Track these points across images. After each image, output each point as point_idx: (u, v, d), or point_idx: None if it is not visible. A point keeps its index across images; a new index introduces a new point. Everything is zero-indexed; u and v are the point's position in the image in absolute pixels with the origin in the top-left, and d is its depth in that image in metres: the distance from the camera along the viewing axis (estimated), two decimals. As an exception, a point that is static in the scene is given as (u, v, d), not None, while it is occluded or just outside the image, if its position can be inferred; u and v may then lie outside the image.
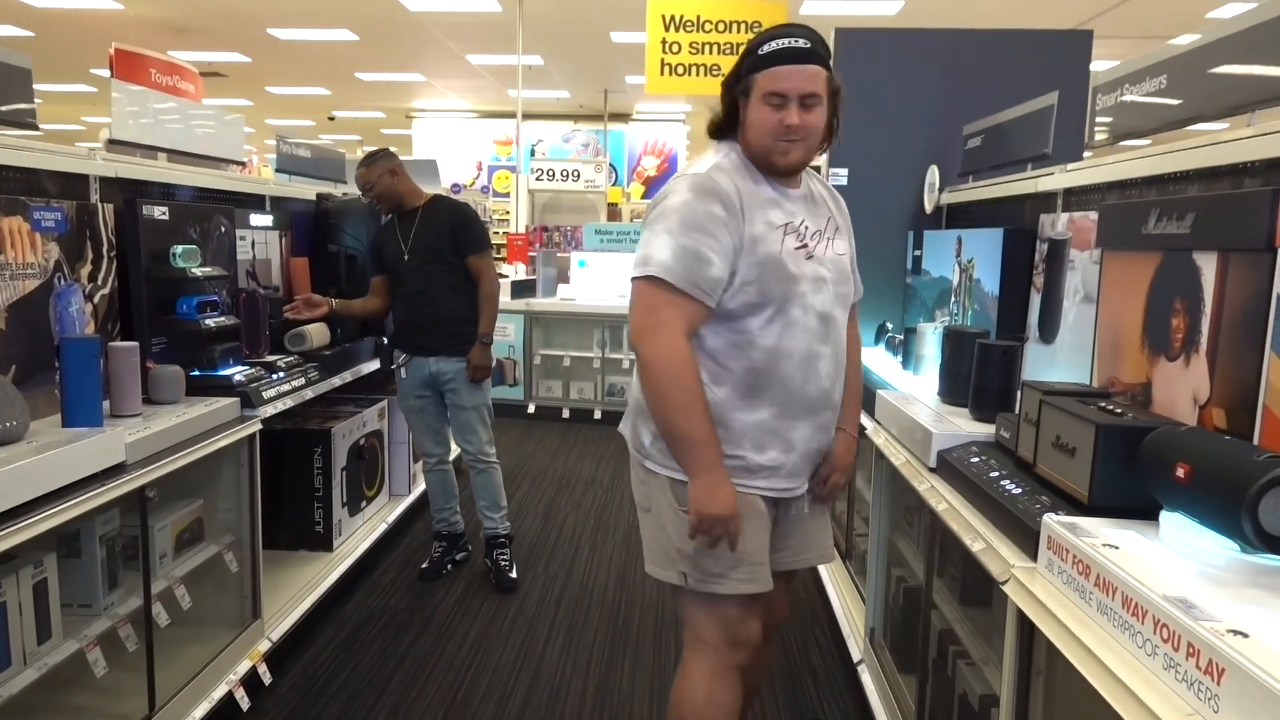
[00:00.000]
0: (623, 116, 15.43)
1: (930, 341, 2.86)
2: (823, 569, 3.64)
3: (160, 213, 2.73)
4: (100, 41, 9.18)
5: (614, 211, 12.58)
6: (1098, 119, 2.53)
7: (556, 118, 15.37)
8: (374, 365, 4.01)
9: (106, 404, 2.33)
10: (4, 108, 2.35)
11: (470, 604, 3.57)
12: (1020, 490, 1.72)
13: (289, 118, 17.63)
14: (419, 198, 3.66)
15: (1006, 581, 1.54)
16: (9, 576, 1.91)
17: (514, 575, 3.76)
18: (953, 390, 2.45)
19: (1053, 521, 1.49)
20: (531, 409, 7.04)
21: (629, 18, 9.04)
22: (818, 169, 2.57)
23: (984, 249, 2.77)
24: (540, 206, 11.12)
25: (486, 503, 3.76)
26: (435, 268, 3.54)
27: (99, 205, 2.57)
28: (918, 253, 3.51)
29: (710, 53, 6.65)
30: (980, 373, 2.24)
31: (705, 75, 6.67)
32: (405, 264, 3.56)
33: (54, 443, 1.98)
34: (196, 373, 2.75)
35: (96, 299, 2.55)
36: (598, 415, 6.92)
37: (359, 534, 3.90)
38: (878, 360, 3.40)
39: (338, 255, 3.95)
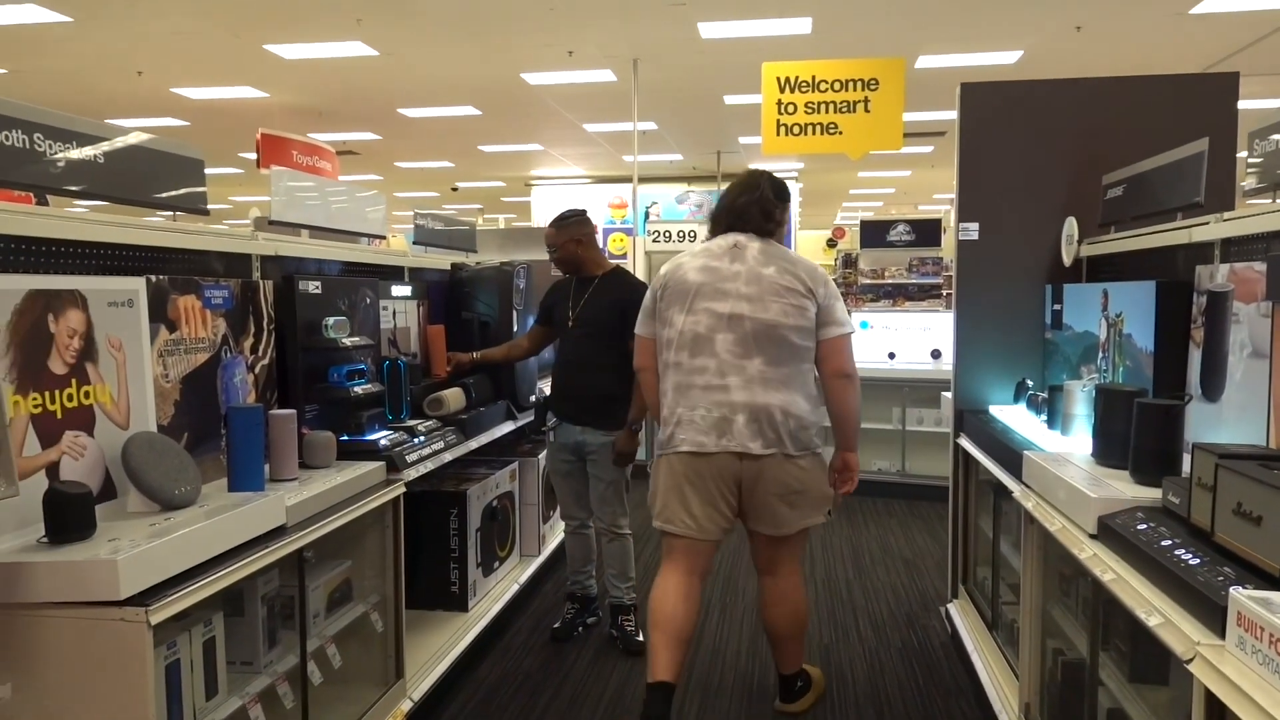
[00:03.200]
0: (735, 176, 15.54)
1: (1079, 400, 2.74)
2: (965, 637, 3.48)
3: (314, 287, 2.90)
4: (247, 127, 9.92)
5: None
6: (1249, 163, 2.41)
7: (670, 180, 15.63)
8: (506, 428, 4.10)
9: (266, 468, 2.46)
10: (181, 194, 2.56)
11: (603, 667, 3.56)
12: (1198, 561, 1.62)
13: (415, 190, 18.52)
14: (600, 267, 3.72)
15: (1192, 660, 1.44)
16: (182, 635, 2.01)
17: (641, 639, 3.71)
18: (1108, 452, 2.33)
19: (1242, 596, 1.39)
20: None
21: (742, 81, 9.18)
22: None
23: (1135, 302, 2.65)
24: (656, 267, 11.25)
25: (615, 571, 3.76)
26: (595, 342, 3.57)
27: (260, 282, 2.75)
28: (1057, 307, 3.39)
29: (826, 111, 6.63)
30: (1140, 433, 2.13)
31: (821, 134, 6.65)
32: (568, 330, 3.63)
33: (223, 506, 2.10)
34: (345, 438, 2.88)
35: (257, 369, 2.71)
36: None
37: (492, 594, 3.96)
38: (1019, 419, 3.28)
39: (471, 322, 4.10)
